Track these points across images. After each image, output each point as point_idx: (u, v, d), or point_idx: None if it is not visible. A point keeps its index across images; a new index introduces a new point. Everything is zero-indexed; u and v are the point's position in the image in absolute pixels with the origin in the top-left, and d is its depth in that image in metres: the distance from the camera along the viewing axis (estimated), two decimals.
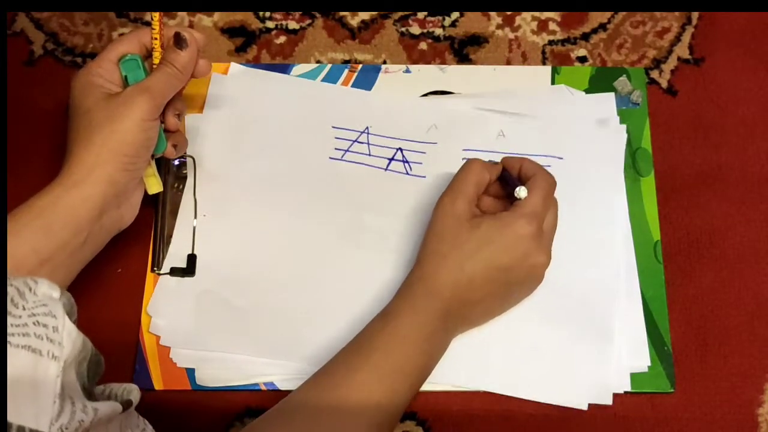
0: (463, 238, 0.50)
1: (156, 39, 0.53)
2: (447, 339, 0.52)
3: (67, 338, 0.34)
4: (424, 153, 0.62)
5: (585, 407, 0.54)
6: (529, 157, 0.59)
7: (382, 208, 0.60)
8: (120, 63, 0.53)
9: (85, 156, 0.49)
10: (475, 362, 0.55)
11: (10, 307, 0.33)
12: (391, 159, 0.62)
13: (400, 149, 0.62)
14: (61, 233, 0.48)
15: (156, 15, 0.53)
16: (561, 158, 0.61)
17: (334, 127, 0.63)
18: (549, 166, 0.60)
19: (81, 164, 0.49)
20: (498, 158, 0.57)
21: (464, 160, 0.60)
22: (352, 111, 0.64)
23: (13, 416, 0.30)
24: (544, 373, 0.55)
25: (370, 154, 0.62)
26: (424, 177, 0.61)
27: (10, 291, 0.33)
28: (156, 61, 0.53)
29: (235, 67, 0.65)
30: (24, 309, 0.34)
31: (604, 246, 0.58)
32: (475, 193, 0.53)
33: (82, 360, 0.36)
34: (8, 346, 0.31)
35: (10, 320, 0.32)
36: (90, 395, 0.36)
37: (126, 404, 0.38)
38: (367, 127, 0.63)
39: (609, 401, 0.54)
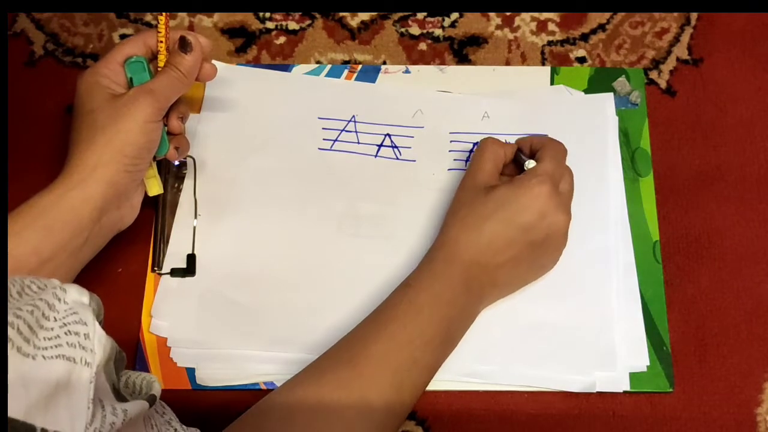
0: (480, 201, 0.52)
1: (162, 42, 0.53)
2: (472, 306, 0.52)
3: (98, 344, 0.35)
4: (412, 137, 0.63)
5: (594, 389, 0.54)
6: (513, 135, 0.61)
7: (375, 194, 0.61)
8: (125, 65, 0.53)
9: (87, 156, 0.49)
10: (479, 347, 0.55)
11: (42, 321, 0.33)
12: (380, 145, 0.62)
13: (388, 135, 0.63)
14: (62, 233, 0.48)
15: (162, 18, 0.53)
16: (547, 135, 0.62)
17: (320, 118, 0.63)
18: None
19: (82, 164, 0.49)
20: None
21: (452, 143, 0.62)
22: (337, 101, 0.64)
23: (50, 423, 0.31)
24: (548, 351, 0.55)
25: (358, 142, 0.63)
26: (414, 161, 0.62)
27: (40, 305, 0.34)
28: (161, 63, 0.54)
29: (220, 66, 0.64)
30: (55, 320, 0.34)
31: (597, 217, 0.59)
32: (494, 167, 0.55)
33: (108, 360, 0.36)
34: (42, 359, 0.32)
35: (42, 333, 0.33)
36: (118, 394, 0.37)
37: (151, 400, 0.39)
38: (353, 116, 0.63)
39: (615, 370, 0.55)
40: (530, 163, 0.54)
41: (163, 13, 0.53)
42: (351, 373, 0.47)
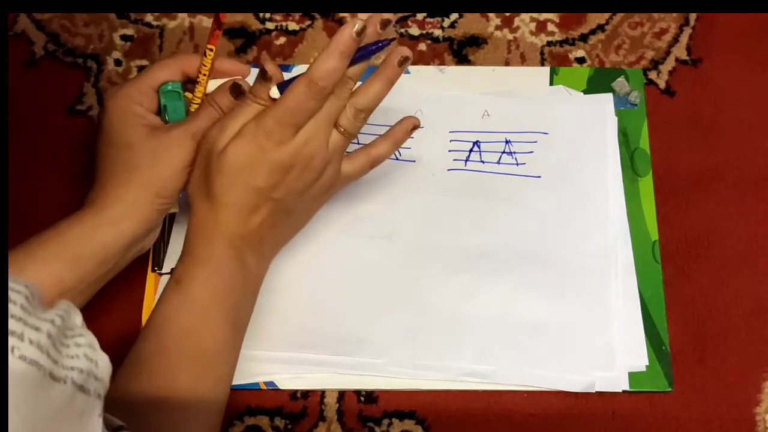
0: (215, 170, 0.48)
1: (205, 75, 0.52)
2: (253, 272, 0.50)
3: (106, 372, 0.33)
4: (412, 137, 0.62)
5: (593, 388, 0.54)
6: (513, 134, 0.62)
7: (374, 195, 0.61)
8: (161, 92, 0.52)
9: (124, 194, 0.49)
10: (479, 347, 0.55)
11: (63, 338, 0.31)
12: None
13: None
14: (88, 266, 0.48)
15: (212, 50, 0.52)
16: (546, 133, 0.62)
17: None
18: (535, 142, 0.62)
19: (118, 202, 0.49)
20: (485, 138, 0.62)
21: (452, 142, 0.62)
22: None
23: None
24: (547, 351, 0.55)
25: (358, 143, 0.62)
26: (414, 161, 0.62)
27: (59, 317, 0.31)
28: (199, 94, 0.52)
29: None
30: (72, 338, 0.32)
31: (596, 217, 0.59)
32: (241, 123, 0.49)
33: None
34: (69, 385, 0.29)
35: (64, 351, 0.30)
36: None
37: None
38: None
39: (614, 370, 0.55)
40: (274, 92, 0.48)
41: (214, 46, 0.52)
42: (151, 370, 0.46)
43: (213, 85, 0.53)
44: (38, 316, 0.30)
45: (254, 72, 0.65)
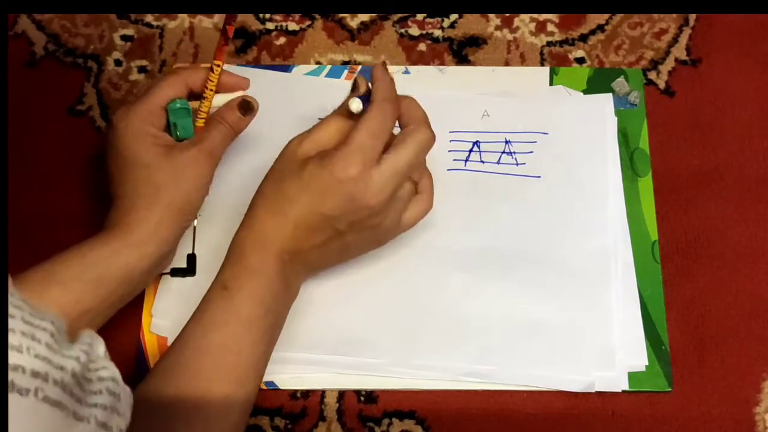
0: (290, 178, 0.48)
1: (212, 91, 0.53)
2: (291, 291, 0.51)
3: (127, 407, 0.32)
4: None
5: (593, 388, 0.54)
6: (513, 134, 0.62)
7: None
8: (169, 109, 0.52)
9: (148, 216, 0.49)
10: (479, 347, 0.56)
11: (86, 373, 0.31)
12: None
13: None
14: (110, 287, 0.48)
15: (219, 65, 0.53)
16: (546, 134, 0.62)
17: (320, 119, 0.63)
18: (535, 142, 0.62)
19: (144, 224, 0.49)
20: (484, 138, 0.61)
21: (452, 142, 0.62)
22: (337, 102, 0.64)
23: None
24: (547, 350, 0.55)
25: None
26: None
27: (83, 353, 0.31)
28: (205, 108, 0.53)
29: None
30: (96, 371, 0.31)
31: (596, 217, 0.59)
32: (331, 137, 0.50)
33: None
34: (93, 424, 0.29)
35: (88, 387, 0.30)
36: None
37: None
38: None
39: (614, 370, 0.55)
40: (354, 103, 0.48)
41: (221, 62, 0.53)
42: (188, 375, 0.46)
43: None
44: (63, 354, 0.29)
45: (253, 74, 0.66)
